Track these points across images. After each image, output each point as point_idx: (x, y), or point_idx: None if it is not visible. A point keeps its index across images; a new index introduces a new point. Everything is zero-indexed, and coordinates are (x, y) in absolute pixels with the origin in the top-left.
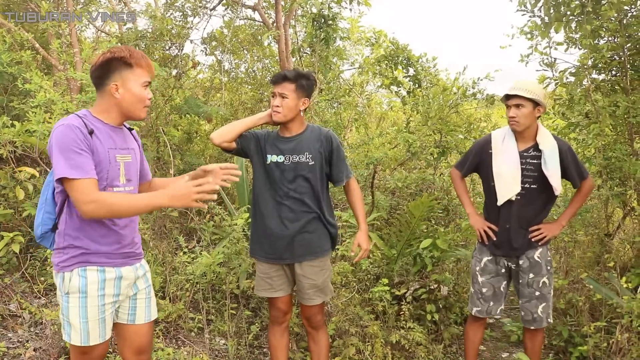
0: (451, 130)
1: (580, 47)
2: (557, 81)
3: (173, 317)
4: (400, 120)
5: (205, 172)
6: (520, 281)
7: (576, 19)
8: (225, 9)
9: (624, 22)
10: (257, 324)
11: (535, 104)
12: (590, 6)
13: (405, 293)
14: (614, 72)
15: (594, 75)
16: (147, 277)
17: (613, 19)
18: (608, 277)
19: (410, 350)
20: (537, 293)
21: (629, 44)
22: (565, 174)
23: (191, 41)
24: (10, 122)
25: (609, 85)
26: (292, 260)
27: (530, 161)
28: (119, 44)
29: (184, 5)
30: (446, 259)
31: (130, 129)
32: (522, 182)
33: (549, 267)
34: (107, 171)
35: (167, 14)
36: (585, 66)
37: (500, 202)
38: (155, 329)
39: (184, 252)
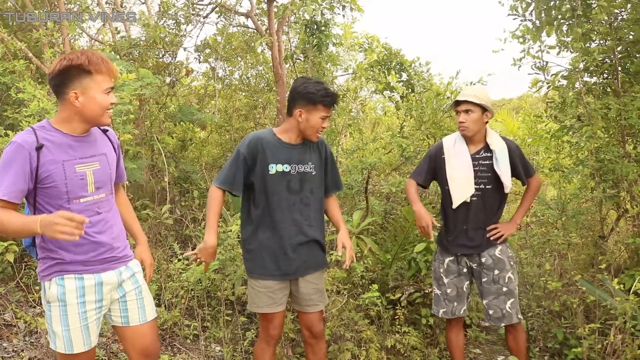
0: (444, 135)
1: (571, 51)
2: (549, 84)
3: (168, 324)
4: (394, 125)
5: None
6: (485, 279)
7: (567, 23)
8: (218, 17)
9: (615, 25)
10: (252, 330)
11: (484, 109)
12: (581, 10)
13: (400, 297)
14: (605, 75)
15: (586, 78)
16: (136, 278)
17: (603, 22)
18: (601, 279)
19: (405, 354)
20: (505, 289)
21: (619, 47)
22: (514, 172)
23: (184, 49)
24: (4, 131)
25: (601, 87)
26: (298, 275)
27: (483, 162)
28: (113, 53)
29: (177, 13)
30: None
31: (105, 131)
32: (477, 184)
33: (512, 263)
34: (65, 184)
35: (160, 22)
36: (577, 69)
37: (455, 205)
38: None
39: (179, 260)
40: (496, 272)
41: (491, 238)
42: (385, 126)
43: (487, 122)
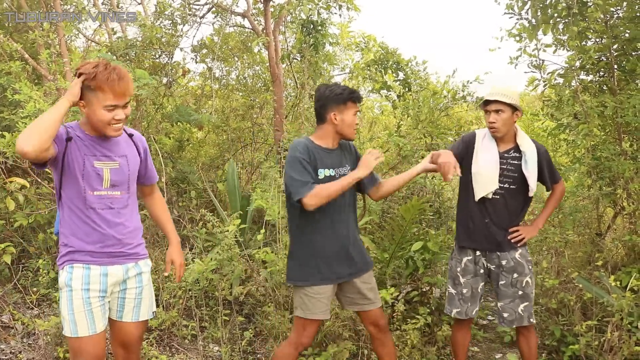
0: (441, 133)
1: (568, 49)
2: (545, 83)
3: (167, 324)
4: (391, 124)
5: None
6: (503, 282)
7: (563, 21)
8: (215, 17)
9: (610, 23)
10: (250, 330)
11: (514, 108)
12: (577, 8)
13: (398, 296)
14: (601, 73)
15: (582, 76)
16: (141, 278)
17: (599, 20)
18: (598, 276)
19: (404, 352)
20: (521, 292)
21: (615, 45)
22: (539, 176)
23: (181, 49)
24: (1, 133)
25: (597, 85)
26: (353, 277)
27: (511, 162)
28: (109, 53)
29: (174, 14)
30: (438, 261)
31: (131, 135)
32: (502, 182)
33: (530, 267)
34: (81, 175)
35: (156, 22)
36: (573, 67)
37: (476, 198)
38: (149, 336)
39: None
40: (515, 275)
41: (512, 240)
42: (382, 125)
43: (515, 122)
